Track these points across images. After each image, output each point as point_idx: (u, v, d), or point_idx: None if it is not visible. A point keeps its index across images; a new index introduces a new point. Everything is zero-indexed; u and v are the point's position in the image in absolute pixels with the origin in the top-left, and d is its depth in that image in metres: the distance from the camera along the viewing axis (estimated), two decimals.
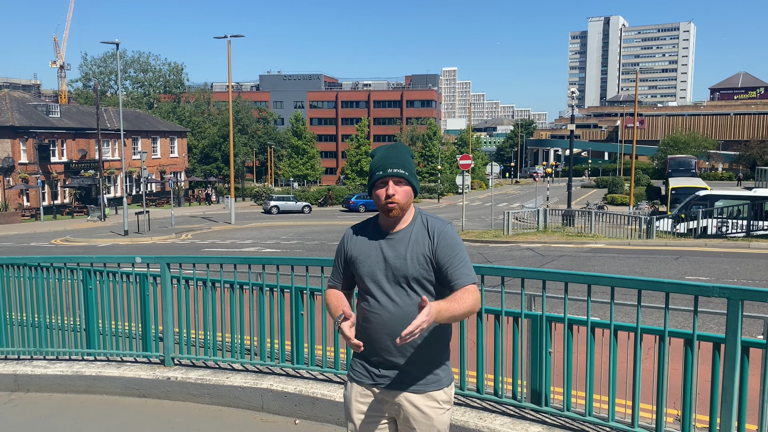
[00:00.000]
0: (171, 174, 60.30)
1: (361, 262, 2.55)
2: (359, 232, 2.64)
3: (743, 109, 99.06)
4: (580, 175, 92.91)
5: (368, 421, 2.58)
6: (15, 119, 46.28)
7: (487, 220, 32.30)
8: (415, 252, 2.47)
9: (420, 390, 2.51)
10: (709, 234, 21.74)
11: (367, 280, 2.53)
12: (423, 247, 2.48)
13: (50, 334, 5.84)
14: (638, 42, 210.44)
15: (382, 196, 2.48)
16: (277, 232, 32.26)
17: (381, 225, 2.59)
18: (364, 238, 2.59)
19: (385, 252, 2.51)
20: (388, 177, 2.46)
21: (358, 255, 2.57)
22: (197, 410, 5.03)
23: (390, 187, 2.46)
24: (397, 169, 2.46)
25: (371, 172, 2.52)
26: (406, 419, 2.54)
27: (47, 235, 33.92)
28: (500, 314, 4.16)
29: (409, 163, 2.51)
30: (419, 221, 2.55)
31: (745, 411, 3.36)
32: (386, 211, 2.48)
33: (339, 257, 2.68)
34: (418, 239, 2.50)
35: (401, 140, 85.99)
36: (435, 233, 2.49)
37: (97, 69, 76.84)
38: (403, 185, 2.49)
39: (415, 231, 2.52)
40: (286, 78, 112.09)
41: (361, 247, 2.58)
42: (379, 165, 2.49)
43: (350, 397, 2.62)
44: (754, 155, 74.62)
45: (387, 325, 2.46)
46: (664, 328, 3.53)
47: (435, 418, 2.53)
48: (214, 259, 5.23)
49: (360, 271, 2.56)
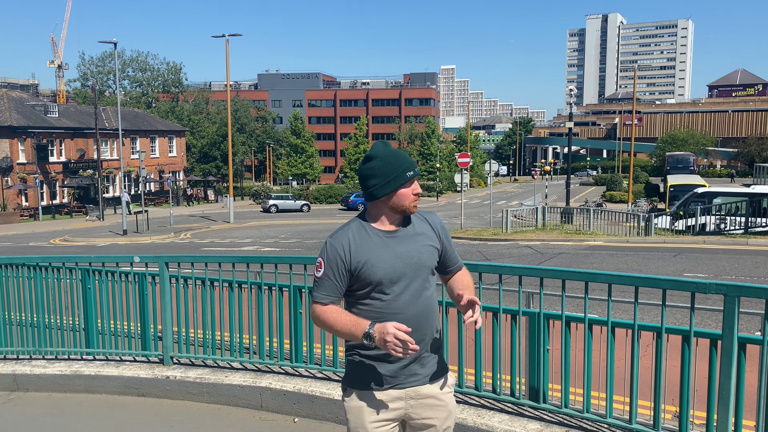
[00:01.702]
0: (170, 173, 60.25)
1: (375, 266, 2.46)
2: (355, 237, 2.51)
3: (741, 106, 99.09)
4: (579, 171, 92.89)
5: (384, 427, 2.52)
6: (13, 119, 46.22)
7: (485, 218, 32.31)
8: (426, 244, 2.57)
9: (437, 377, 2.58)
10: (707, 231, 21.75)
11: (385, 282, 2.45)
12: (431, 238, 2.60)
13: (49, 333, 5.84)
14: (636, 39, 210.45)
15: (409, 194, 2.52)
16: (276, 231, 32.25)
17: (378, 226, 2.54)
18: (367, 242, 2.50)
19: (398, 249, 2.50)
20: (416, 176, 2.55)
21: (369, 259, 2.46)
22: (196, 409, 5.04)
23: (416, 186, 2.55)
24: (418, 168, 2.57)
25: (398, 172, 2.49)
26: (423, 411, 2.54)
27: (46, 234, 33.90)
28: (498, 312, 4.17)
29: None
30: (414, 216, 2.63)
31: (743, 407, 3.37)
32: (410, 209, 2.54)
33: (335, 269, 2.48)
34: (424, 232, 2.60)
35: (400, 138, 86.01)
36: (436, 225, 2.66)
37: (95, 68, 76.79)
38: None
39: (417, 225, 2.60)
40: (285, 77, 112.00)
41: (369, 250, 2.48)
42: (405, 165, 2.52)
43: (361, 407, 2.51)
44: (752, 152, 74.70)
45: (411, 322, 2.43)
46: (662, 325, 3.54)
47: (449, 401, 2.61)
48: (213, 259, 5.23)
49: (375, 276, 2.45)
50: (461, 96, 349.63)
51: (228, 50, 38.15)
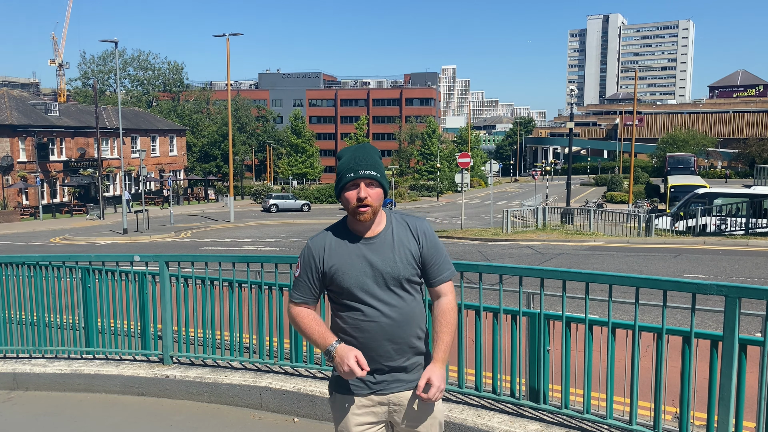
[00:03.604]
0: (170, 172, 60.26)
1: (344, 272, 2.41)
2: (330, 241, 2.47)
3: (742, 107, 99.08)
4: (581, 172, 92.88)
5: (369, 431, 2.53)
6: (14, 118, 46.22)
7: (486, 218, 32.29)
8: (403, 253, 2.43)
9: (416, 384, 2.50)
10: (708, 232, 21.74)
11: (355, 290, 2.41)
12: (410, 247, 2.45)
13: (49, 332, 5.84)
14: (637, 40, 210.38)
15: (353, 199, 2.36)
16: (277, 230, 32.26)
17: (355, 230, 2.46)
18: (339, 247, 2.44)
19: (370, 258, 2.41)
20: (360, 179, 2.36)
21: (339, 266, 2.41)
22: (196, 408, 5.04)
23: (362, 190, 2.35)
24: (369, 171, 2.36)
25: (340, 173, 2.40)
26: (408, 416, 2.52)
27: (46, 233, 33.90)
28: (498, 312, 4.16)
29: (379, 164, 2.42)
30: (396, 221, 2.50)
31: (743, 408, 3.37)
32: (357, 214, 2.38)
33: (309, 272, 2.47)
34: (402, 240, 2.45)
35: (401, 138, 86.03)
36: (419, 233, 2.47)
37: (96, 67, 76.85)
38: (375, 187, 2.39)
39: (397, 232, 2.46)
40: (285, 76, 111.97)
41: (340, 256, 2.43)
42: (348, 166, 2.37)
43: (346, 411, 2.51)
44: (752, 153, 74.69)
45: (386, 331, 2.42)
46: (662, 326, 3.53)
47: (434, 409, 2.57)
48: (213, 258, 5.23)
49: (345, 283, 2.41)
50: (462, 96, 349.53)
51: (229, 49, 38.16)
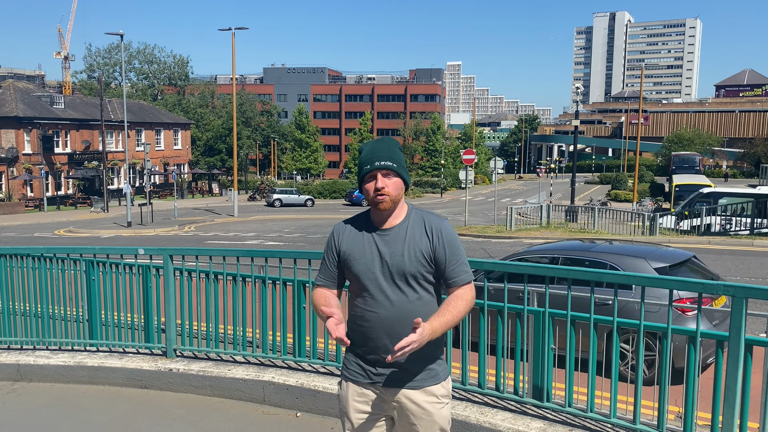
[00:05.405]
0: (174, 166, 60.28)
1: (355, 259, 2.50)
2: (350, 227, 2.58)
3: (748, 107, 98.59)
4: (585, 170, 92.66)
5: (366, 420, 2.56)
6: (19, 110, 46.30)
7: (490, 216, 32.26)
8: (413, 249, 2.45)
9: (418, 386, 2.50)
10: (712, 231, 21.66)
11: (363, 277, 2.48)
12: (421, 244, 2.46)
13: (53, 324, 5.85)
14: (644, 38, 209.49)
15: (371, 190, 2.44)
16: (280, 225, 32.29)
17: (373, 220, 2.54)
18: (356, 234, 2.54)
19: (381, 248, 2.47)
20: (376, 170, 2.44)
21: (352, 252, 2.51)
22: (199, 402, 5.04)
23: (379, 180, 2.43)
24: (385, 162, 2.44)
25: (360, 167, 2.50)
26: (406, 416, 2.52)
27: (51, 225, 33.99)
28: (503, 310, 4.15)
29: (397, 156, 2.48)
30: (414, 217, 2.52)
31: (748, 409, 3.35)
32: (376, 204, 2.45)
33: (330, 254, 2.60)
34: (415, 236, 2.47)
35: (405, 134, 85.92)
36: (433, 231, 2.48)
37: (101, 60, 76.73)
38: (393, 177, 2.46)
39: (411, 227, 2.49)
40: (290, 71, 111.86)
41: (355, 243, 2.52)
42: (366, 159, 2.47)
43: (347, 396, 2.58)
44: (758, 153, 74.31)
45: (384, 324, 2.44)
46: (668, 326, 3.52)
47: (434, 413, 2.52)
48: (217, 252, 5.23)
49: (355, 269, 2.50)
50: (467, 92, 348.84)
51: (234, 43, 38.12)
